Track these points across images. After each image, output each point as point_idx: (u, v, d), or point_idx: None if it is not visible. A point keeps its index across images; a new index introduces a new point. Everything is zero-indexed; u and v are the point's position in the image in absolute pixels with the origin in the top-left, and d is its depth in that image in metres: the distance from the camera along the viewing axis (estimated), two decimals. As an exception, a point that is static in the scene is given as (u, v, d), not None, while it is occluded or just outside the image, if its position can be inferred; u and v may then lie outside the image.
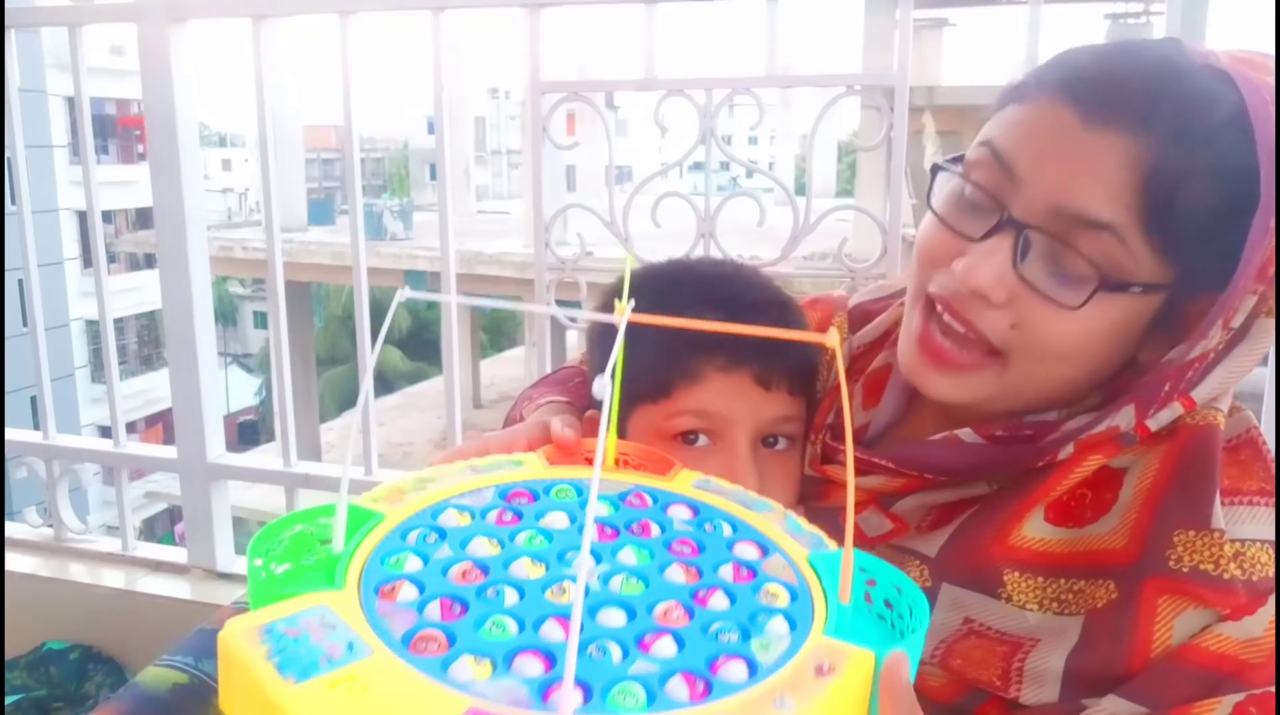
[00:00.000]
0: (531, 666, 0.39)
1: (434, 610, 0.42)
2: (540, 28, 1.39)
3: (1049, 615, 0.60)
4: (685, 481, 0.58)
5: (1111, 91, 0.58)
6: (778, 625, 0.43)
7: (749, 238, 1.48)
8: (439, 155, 1.53)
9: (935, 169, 0.67)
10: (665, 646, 0.41)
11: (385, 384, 15.82)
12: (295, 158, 12.85)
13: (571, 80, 1.42)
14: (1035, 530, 0.62)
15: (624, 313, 0.46)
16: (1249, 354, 0.61)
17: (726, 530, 0.52)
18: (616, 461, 0.61)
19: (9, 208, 1.74)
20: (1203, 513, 0.57)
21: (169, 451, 1.76)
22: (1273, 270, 0.59)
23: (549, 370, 1.45)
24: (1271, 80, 0.58)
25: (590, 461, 0.60)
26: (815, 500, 0.74)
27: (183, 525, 1.82)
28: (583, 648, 0.40)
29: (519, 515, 0.52)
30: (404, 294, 0.45)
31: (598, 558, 0.48)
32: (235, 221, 18.79)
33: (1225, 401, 0.62)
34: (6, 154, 1.70)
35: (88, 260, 11.33)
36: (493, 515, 0.51)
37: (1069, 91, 0.59)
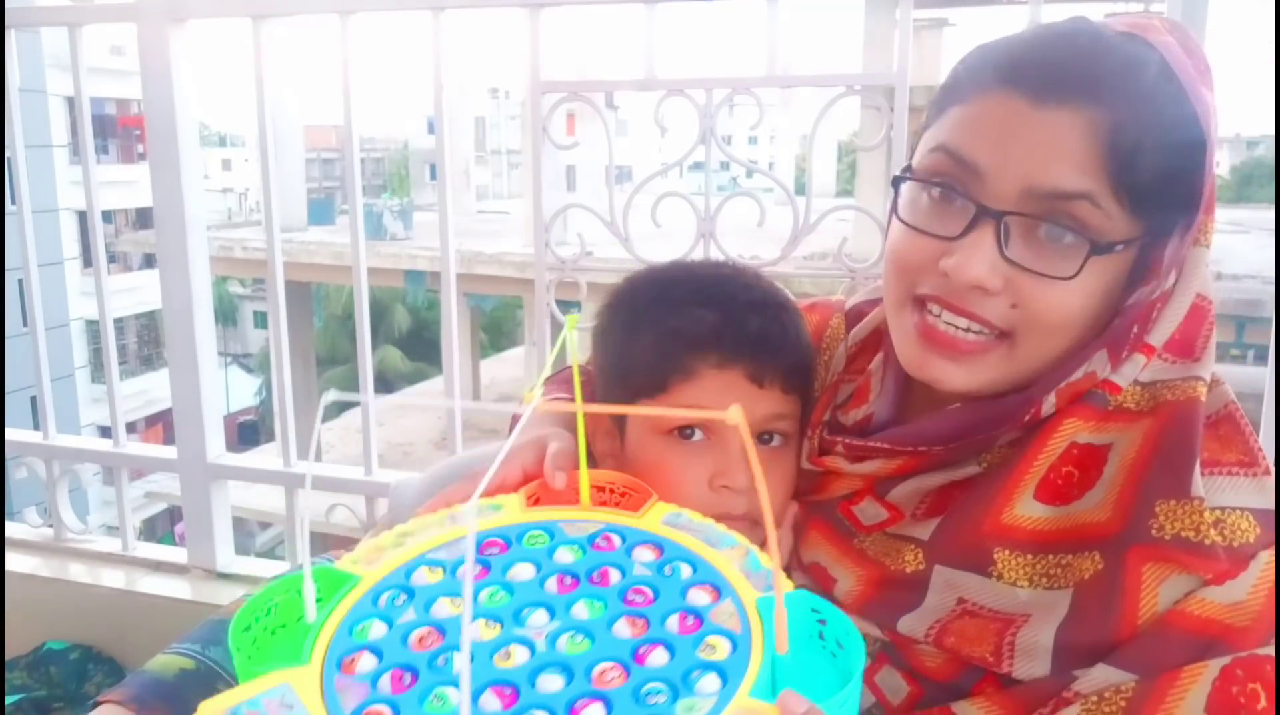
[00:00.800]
0: None
1: (385, 683, 0.45)
2: (540, 28, 1.39)
3: (1039, 590, 0.62)
4: (657, 517, 0.60)
5: (1054, 70, 0.61)
6: (709, 683, 0.44)
7: (749, 238, 1.48)
8: (439, 155, 1.53)
9: (897, 181, 0.68)
10: (595, 712, 0.43)
11: (385, 384, 15.82)
12: (295, 158, 12.86)
13: (571, 80, 1.42)
14: (1026, 509, 0.64)
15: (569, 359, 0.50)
16: (1187, 287, 0.65)
17: (685, 571, 0.54)
18: (598, 490, 0.63)
19: (9, 208, 1.74)
20: (1183, 482, 0.59)
21: (169, 451, 1.76)
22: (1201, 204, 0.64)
23: (549, 371, 1.45)
24: (1171, 39, 0.63)
25: (574, 501, 0.62)
26: (812, 494, 0.76)
27: (183, 525, 1.82)
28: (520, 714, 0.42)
29: (488, 567, 0.54)
30: (331, 395, 0.46)
31: (551, 612, 0.50)
32: (235, 221, 18.80)
33: (1205, 370, 0.64)
34: (6, 154, 1.70)
35: (88, 260, 11.34)
36: (462, 569, 0.54)
37: (1011, 80, 0.61)
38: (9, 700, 1.58)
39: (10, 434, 1.80)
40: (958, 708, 0.62)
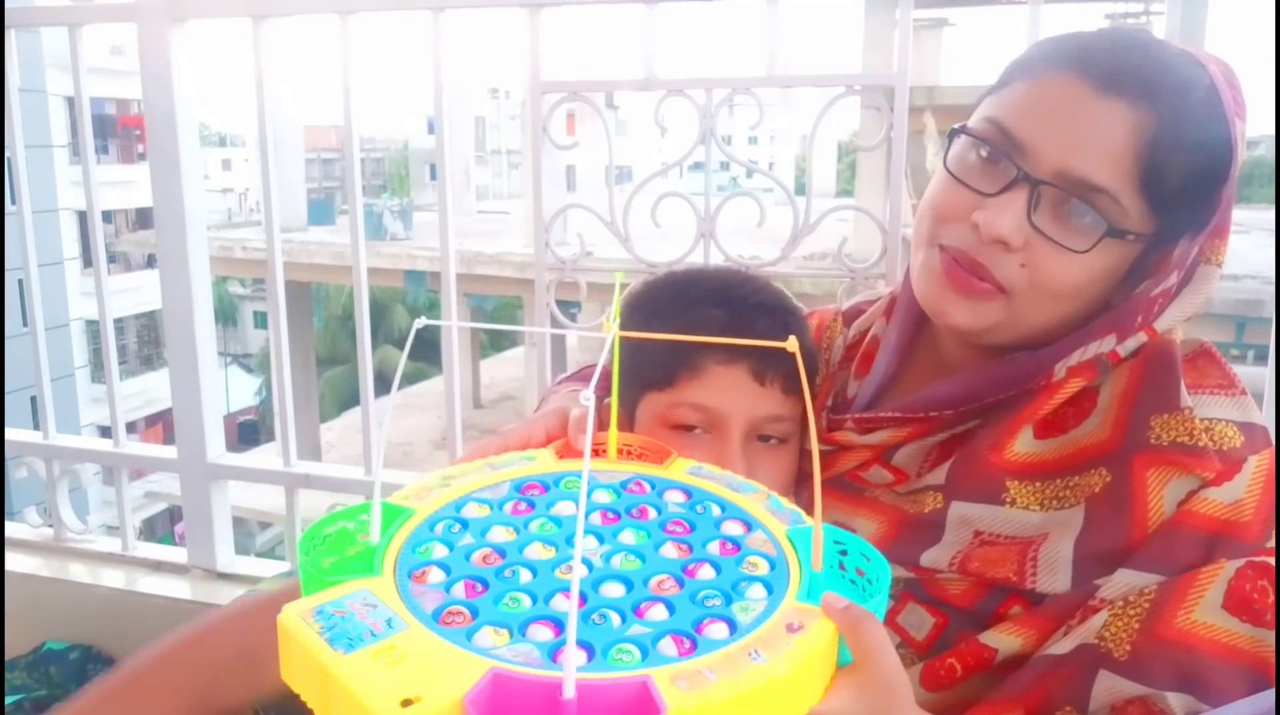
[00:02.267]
0: (543, 633, 0.45)
1: (459, 590, 0.48)
2: (540, 28, 1.39)
3: (1051, 512, 0.67)
4: (680, 469, 0.64)
5: (1123, 64, 0.66)
6: (757, 591, 0.49)
7: (749, 238, 1.48)
8: (439, 155, 1.53)
9: (953, 133, 0.75)
10: (658, 612, 0.47)
11: (385, 384, 15.80)
12: (295, 158, 12.86)
13: (571, 80, 1.42)
14: (1025, 446, 0.70)
15: (611, 329, 0.54)
16: (1195, 294, 0.72)
17: (715, 511, 0.58)
18: (620, 453, 0.67)
19: (9, 208, 1.74)
20: (1172, 398, 0.67)
21: (169, 451, 1.76)
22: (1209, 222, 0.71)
23: (549, 371, 1.46)
24: (1217, 69, 0.69)
25: (599, 454, 0.67)
26: (822, 471, 0.78)
27: (183, 525, 1.82)
28: (586, 616, 0.46)
29: (532, 505, 0.58)
30: (421, 322, 0.52)
31: (600, 539, 0.54)
32: (235, 221, 18.80)
33: (1179, 333, 0.72)
34: (6, 154, 1.70)
35: (88, 260, 11.34)
36: (509, 506, 0.58)
37: (1083, 65, 0.67)
38: (9, 700, 1.58)
39: (10, 434, 1.80)
40: (987, 637, 0.66)
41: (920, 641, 0.68)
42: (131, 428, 8.10)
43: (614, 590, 0.48)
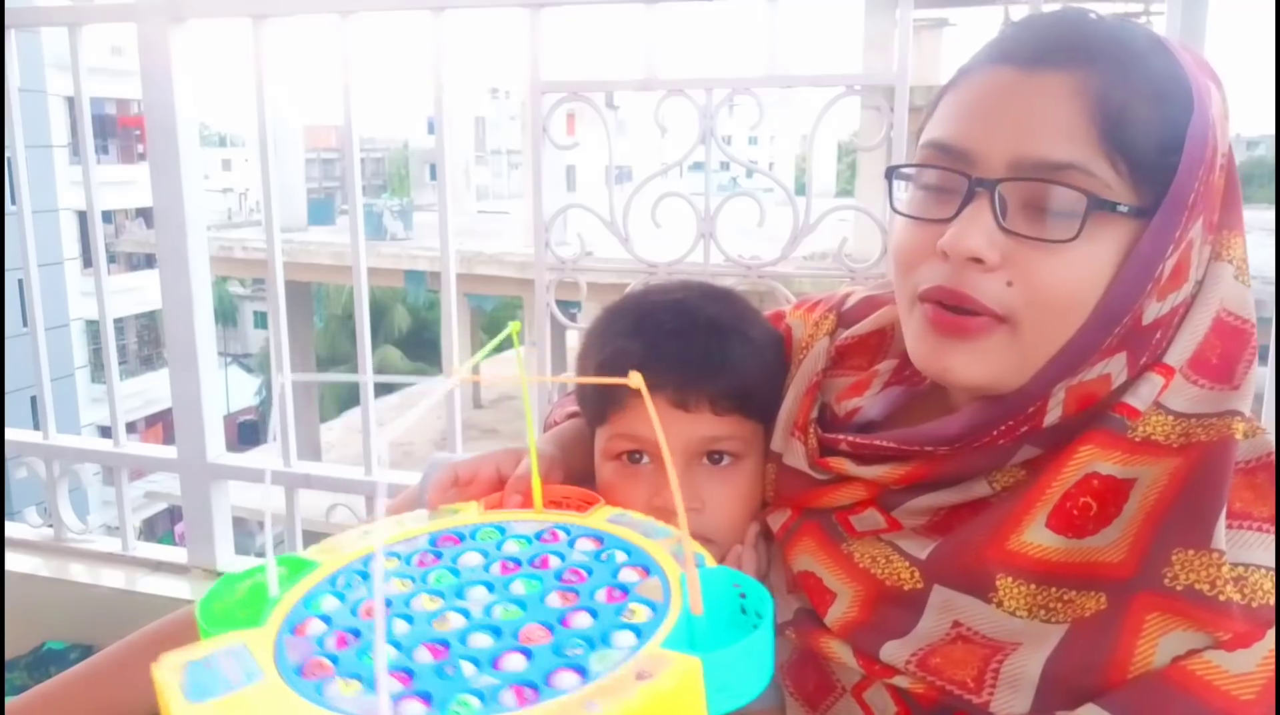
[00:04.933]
0: (395, 685, 0.45)
1: (330, 642, 0.49)
2: (540, 28, 1.39)
3: (1035, 621, 0.59)
4: (601, 517, 0.63)
5: (1047, 38, 0.61)
6: (625, 639, 0.47)
7: (749, 238, 1.48)
8: (439, 155, 1.53)
9: (889, 174, 0.68)
10: (515, 662, 0.46)
11: (385, 384, 15.81)
12: (295, 158, 12.86)
13: (571, 80, 1.42)
14: (1035, 536, 0.61)
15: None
16: (1206, 304, 0.62)
17: (621, 557, 0.57)
18: (553, 503, 0.66)
19: (9, 208, 1.74)
20: (1205, 532, 0.55)
21: (169, 451, 1.76)
22: (1218, 215, 0.62)
23: (549, 371, 1.46)
24: (1166, 36, 0.63)
25: (527, 504, 0.66)
26: (811, 501, 0.73)
27: (183, 525, 1.82)
28: (440, 669, 0.46)
29: (439, 556, 0.58)
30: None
31: (490, 588, 0.53)
32: (235, 221, 18.78)
33: (1243, 402, 0.61)
34: (6, 154, 1.70)
35: (88, 260, 11.34)
36: (416, 558, 0.58)
37: (1005, 54, 0.62)
38: (9, 700, 1.58)
39: (10, 434, 1.80)
40: None
41: None
42: (131, 428, 8.10)
43: (482, 640, 0.48)
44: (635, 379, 0.49)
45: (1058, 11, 0.65)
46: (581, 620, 0.49)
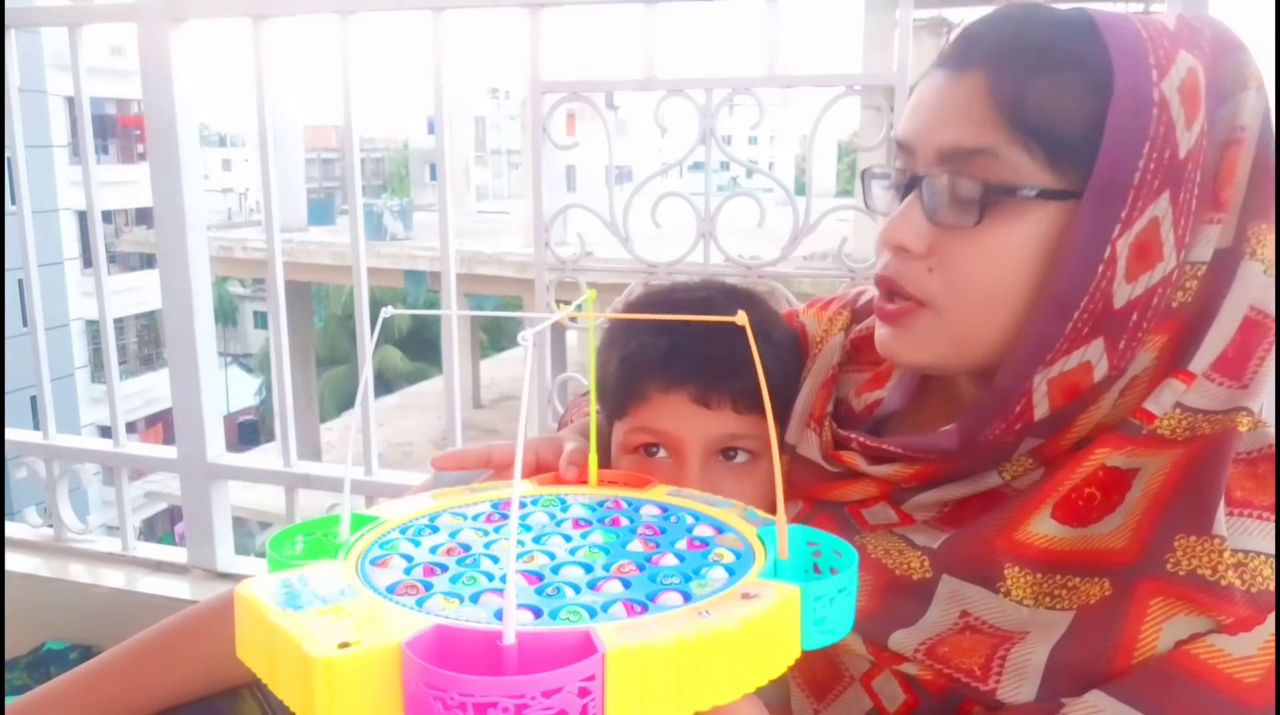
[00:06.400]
0: (494, 602, 0.44)
1: (418, 571, 0.49)
2: (540, 28, 1.39)
3: (1040, 610, 0.60)
4: (660, 491, 0.64)
5: (970, 39, 0.64)
6: (718, 574, 0.48)
7: (749, 238, 1.48)
8: (439, 155, 1.53)
9: (864, 176, 0.73)
10: (613, 587, 0.46)
11: (385, 384, 15.83)
12: (295, 158, 12.86)
13: (571, 80, 1.42)
14: (1042, 527, 0.62)
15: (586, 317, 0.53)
16: (1236, 307, 0.60)
17: (689, 520, 0.58)
18: (601, 481, 0.66)
19: (9, 208, 1.74)
20: (1206, 519, 0.57)
21: (169, 451, 1.76)
22: (1227, 194, 0.60)
23: (549, 371, 1.46)
24: (1136, 19, 0.62)
25: (581, 482, 0.66)
26: (824, 493, 0.75)
27: (183, 525, 1.82)
28: (541, 591, 0.46)
29: (506, 517, 0.58)
30: (387, 312, 0.51)
31: (567, 539, 0.53)
32: (235, 221, 18.81)
33: (1253, 400, 0.61)
34: (6, 154, 1.70)
35: (88, 260, 11.33)
36: (483, 517, 0.58)
37: (940, 59, 0.66)
38: (9, 700, 1.58)
39: (10, 434, 1.80)
40: None
41: (893, 714, 0.64)
42: (131, 428, 8.10)
43: (573, 573, 0.48)
44: (741, 317, 0.50)
45: (996, 11, 0.66)
46: (668, 560, 0.50)
